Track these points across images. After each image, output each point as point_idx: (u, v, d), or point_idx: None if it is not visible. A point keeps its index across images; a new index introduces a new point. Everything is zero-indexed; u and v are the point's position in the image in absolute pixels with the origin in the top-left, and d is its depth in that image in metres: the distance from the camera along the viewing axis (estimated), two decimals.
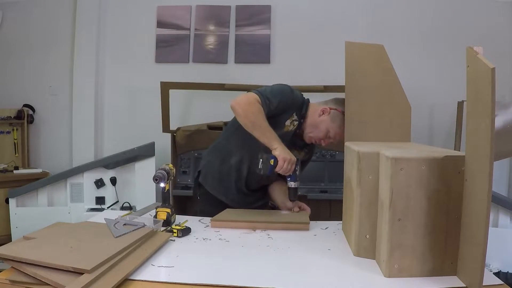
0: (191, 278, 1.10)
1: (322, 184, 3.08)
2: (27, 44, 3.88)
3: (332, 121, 1.77)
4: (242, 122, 1.69)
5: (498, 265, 2.52)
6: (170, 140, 3.24)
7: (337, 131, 1.76)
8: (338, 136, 1.77)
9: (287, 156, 1.63)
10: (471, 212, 1.04)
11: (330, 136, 1.79)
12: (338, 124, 1.76)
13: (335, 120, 1.77)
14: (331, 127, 1.77)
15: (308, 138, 1.83)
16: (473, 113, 1.03)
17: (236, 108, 1.68)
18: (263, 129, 1.65)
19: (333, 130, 1.77)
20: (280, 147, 1.64)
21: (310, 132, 1.81)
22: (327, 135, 1.78)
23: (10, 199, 2.88)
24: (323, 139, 1.80)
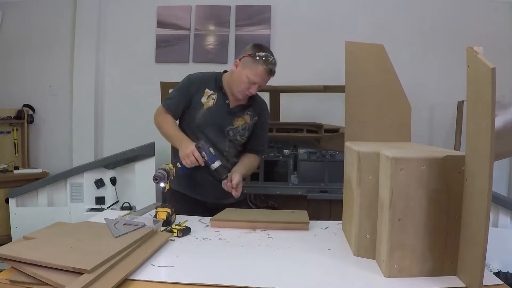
0: (191, 278, 1.10)
1: (322, 184, 3.07)
2: (27, 44, 3.88)
3: (244, 67, 1.83)
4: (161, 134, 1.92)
5: (498, 265, 2.51)
6: None
7: (252, 72, 1.81)
8: (257, 76, 1.81)
9: (182, 152, 1.74)
10: (471, 212, 1.04)
11: (252, 81, 1.82)
12: (250, 67, 1.81)
13: (246, 66, 1.82)
14: (246, 72, 1.82)
15: (239, 95, 1.87)
16: (473, 113, 1.03)
17: (155, 124, 1.93)
18: (170, 136, 1.87)
19: (249, 74, 1.81)
20: (181, 146, 1.77)
21: (236, 89, 1.86)
22: (248, 81, 1.82)
23: (10, 199, 2.87)
24: (248, 88, 1.84)
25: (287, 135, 3.02)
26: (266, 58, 1.81)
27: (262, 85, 1.86)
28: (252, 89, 1.84)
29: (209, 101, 1.89)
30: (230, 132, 1.92)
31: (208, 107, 1.88)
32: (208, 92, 1.90)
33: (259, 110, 2.00)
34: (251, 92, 1.86)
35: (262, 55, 1.81)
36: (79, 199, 2.94)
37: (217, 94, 1.90)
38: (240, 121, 1.93)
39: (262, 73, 1.81)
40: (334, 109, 3.02)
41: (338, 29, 3.51)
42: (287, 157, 3.10)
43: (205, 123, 1.89)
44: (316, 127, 3.15)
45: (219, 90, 1.91)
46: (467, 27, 3.45)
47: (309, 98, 3.41)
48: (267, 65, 1.81)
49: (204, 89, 1.90)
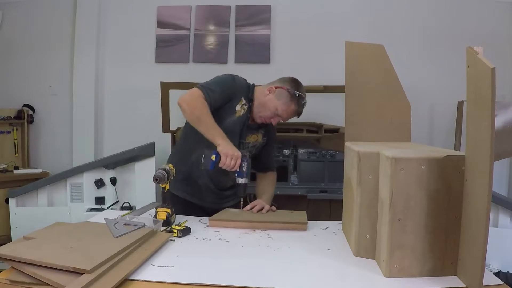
0: (191, 278, 1.10)
1: (322, 184, 3.08)
2: (27, 44, 3.88)
3: (278, 98, 1.84)
4: (188, 118, 1.77)
5: (498, 265, 2.51)
6: (170, 140, 3.24)
7: (283, 107, 1.84)
8: (285, 113, 1.85)
9: (229, 151, 1.65)
10: (471, 212, 1.04)
11: (278, 114, 1.85)
12: (283, 101, 1.84)
13: (281, 98, 1.84)
14: (277, 104, 1.84)
15: (258, 118, 1.89)
16: (473, 113, 1.03)
17: (182, 105, 1.73)
18: (208, 125, 1.70)
19: (280, 107, 1.84)
20: (224, 143, 1.67)
21: (259, 112, 1.88)
22: (275, 112, 1.85)
23: (10, 199, 2.88)
24: (272, 117, 1.87)
25: (287, 135, 3.02)
26: (300, 99, 1.85)
27: (284, 119, 1.90)
28: (274, 120, 1.88)
29: (241, 111, 1.87)
30: (241, 146, 1.89)
31: (239, 116, 1.86)
32: (243, 101, 1.87)
33: (270, 129, 2.03)
34: (272, 122, 1.89)
35: (300, 96, 1.85)
36: (79, 199, 2.94)
37: (248, 105, 1.89)
38: (253, 138, 1.93)
39: (292, 112, 1.86)
40: (334, 109, 3.01)
41: (338, 29, 3.51)
42: (287, 157, 3.10)
43: (230, 130, 1.82)
44: (316, 127, 3.15)
45: (249, 102, 1.89)
46: (467, 27, 3.45)
47: (309, 98, 3.40)
48: (300, 107, 1.85)
49: (241, 96, 1.87)
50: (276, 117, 1.87)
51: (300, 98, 1.85)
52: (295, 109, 1.86)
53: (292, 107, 1.84)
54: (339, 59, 1.83)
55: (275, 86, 1.88)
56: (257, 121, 1.91)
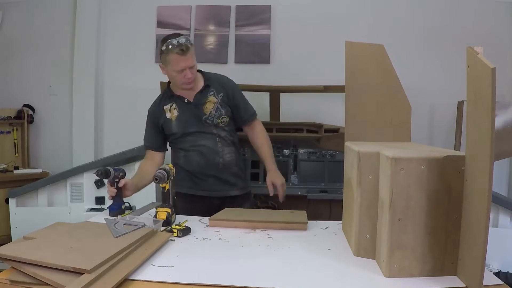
0: (191, 278, 1.10)
1: (322, 184, 3.08)
2: (27, 44, 3.88)
3: (165, 65, 1.87)
4: None
5: (498, 265, 2.51)
6: None
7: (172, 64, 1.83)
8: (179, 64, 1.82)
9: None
10: (471, 212, 1.04)
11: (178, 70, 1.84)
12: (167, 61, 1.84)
13: (165, 62, 1.86)
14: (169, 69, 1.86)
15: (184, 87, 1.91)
16: (473, 113, 1.03)
17: None
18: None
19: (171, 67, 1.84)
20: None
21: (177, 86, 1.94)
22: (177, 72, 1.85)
23: (10, 199, 2.88)
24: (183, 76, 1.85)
25: (287, 135, 3.02)
26: (171, 44, 1.80)
27: (190, 65, 1.84)
28: (186, 75, 1.85)
29: (174, 112, 1.95)
30: (207, 121, 1.94)
31: (176, 117, 1.94)
32: (167, 107, 1.97)
33: (220, 84, 2.01)
34: (189, 78, 1.86)
35: (166, 46, 1.81)
36: (79, 199, 2.94)
37: (174, 101, 1.95)
38: (209, 105, 1.94)
39: (177, 58, 1.81)
40: (334, 109, 3.02)
41: (338, 29, 3.51)
42: (287, 157, 3.10)
43: (183, 130, 1.94)
44: (316, 127, 3.15)
45: (172, 98, 1.96)
46: (467, 27, 3.45)
47: (309, 98, 3.41)
48: (174, 49, 1.79)
49: (162, 108, 1.97)
50: (181, 75, 1.85)
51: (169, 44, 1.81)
52: (175, 54, 1.81)
53: (173, 57, 1.81)
54: (339, 59, 1.83)
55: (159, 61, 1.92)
56: (186, 88, 1.92)
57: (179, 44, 1.79)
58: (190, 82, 1.89)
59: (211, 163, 1.96)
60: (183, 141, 1.98)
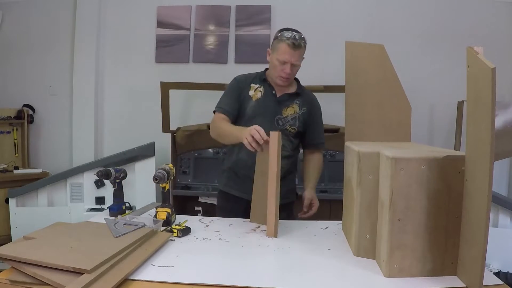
0: (191, 278, 1.10)
1: (322, 184, 3.07)
2: (27, 44, 3.88)
3: (273, 52, 1.85)
4: (217, 140, 1.86)
5: (498, 265, 2.51)
6: (170, 140, 3.24)
7: (279, 52, 1.81)
8: (282, 55, 1.80)
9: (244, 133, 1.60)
10: (471, 212, 1.04)
11: (282, 61, 1.81)
12: (277, 48, 1.82)
13: (274, 49, 1.84)
14: (275, 56, 1.83)
15: (277, 80, 1.88)
16: (473, 113, 1.03)
17: (213, 134, 1.88)
18: (227, 133, 1.78)
19: (277, 55, 1.82)
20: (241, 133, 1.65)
21: (273, 76, 1.89)
22: (279, 62, 1.82)
23: (10, 199, 2.88)
24: (282, 69, 1.83)
25: None
26: (286, 35, 1.80)
27: (293, 62, 1.82)
28: (285, 69, 1.82)
29: (257, 94, 1.91)
30: (279, 122, 1.90)
31: (256, 99, 1.90)
32: (254, 86, 1.92)
33: (308, 100, 1.98)
34: (286, 73, 1.83)
35: (282, 33, 1.81)
36: (79, 199, 2.94)
37: (263, 86, 1.92)
38: (289, 110, 1.91)
39: (286, 49, 1.79)
40: (334, 109, 3.01)
41: (338, 29, 3.51)
42: None
43: (255, 114, 1.88)
44: None
45: (263, 82, 1.93)
46: (467, 27, 3.45)
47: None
48: (288, 40, 1.78)
49: (250, 84, 1.93)
50: (284, 66, 1.82)
51: (286, 34, 1.80)
52: (286, 44, 1.79)
53: (283, 46, 1.79)
54: (339, 59, 1.83)
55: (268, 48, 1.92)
56: (279, 83, 1.89)
57: (294, 37, 1.79)
58: (286, 78, 1.86)
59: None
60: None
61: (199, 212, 3.19)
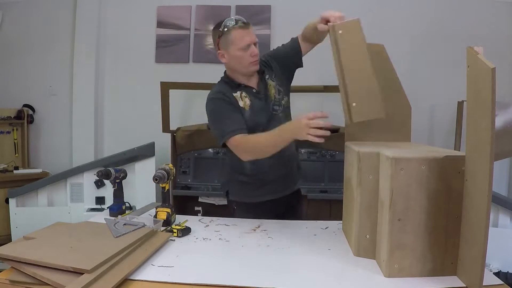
0: (191, 278, 1.10)
1: (322, 184, 3.07)
2: (27, 44, 3.88)
3: (227, 48, 1.68)
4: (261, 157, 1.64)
5: (498, 265, 2.51)
6: (170, 140, 3.24)
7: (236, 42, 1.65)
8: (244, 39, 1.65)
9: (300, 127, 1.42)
10: (471, 212, 1.04)
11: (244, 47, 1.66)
12: (230, 42, 1.66)
13: (226, 45, 1.67)
14: (233, 49, 1.66)
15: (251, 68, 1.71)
16: (473, 113, 1.03)
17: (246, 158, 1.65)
18: (267, 145, 1.56)
19: (236, 46, 1.65)
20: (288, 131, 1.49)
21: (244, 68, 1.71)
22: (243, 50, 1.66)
23: (10, 199, 2.87)
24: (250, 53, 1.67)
25: None
26: (229, 23, 1.65)
27: (255, 40, 1.69)
28: (253, 51, 1.67)
29: (246, 101, 1.71)
30: (275, 107, 1.76)
31: (250, 107, 1.71)
32: (237, 95, 1.71)
33: (268, 66, 1.83)
34: (256, 53, 1.68)
35: (224, 26, 1.65)
36: (79, 199, 2.94)
37: (243, 91, 1.73)
38: (271, 90, 1.77)
39: (241, 34, 1.65)
40: (334, 109, 3.01)
41: None
42: None
43: (255, 122, 1.70)
44: None
45: (239, 87, 1.73)
46: (467, 27, 3.45)
47: (309, 98, 3.41)
48: (236, 24, 1.65)
49: (232, 95, 1.71)
50: (247, 52, 1.66)
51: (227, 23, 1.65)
52: (237, 29, 1.64)
53: (235, 33, 1.64)
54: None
55: (217, 52, 1.73)
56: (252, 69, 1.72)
57: (237, 20, 1.65)
58: (257, 60, 1.70)
59: (280, 161, 1.74)
60: None
61: (199, 212, 3.19)
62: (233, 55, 1.68)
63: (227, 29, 1.65)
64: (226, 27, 1.65)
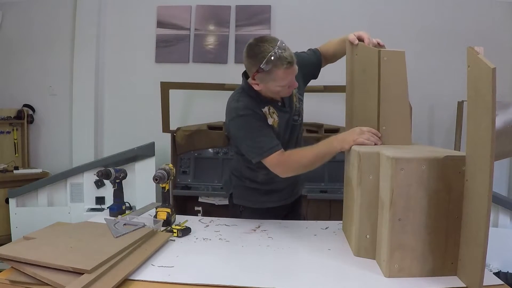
0: (191, 278, 1.10)
1: (322, 184, 3.07)
2: (27, 44, 3.88)
3: (266, 82, 1.53)
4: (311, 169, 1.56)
5: (498, 265, 2.51)
6: (170, 140, 3.24)
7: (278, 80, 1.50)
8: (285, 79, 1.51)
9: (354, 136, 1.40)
10: (471, 212, 1.04)
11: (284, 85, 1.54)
12: (271, 79, 1.51)
13: (266, 80, 1.52)
14: (272, 86, 1.54)
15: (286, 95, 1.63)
16: (473, 113, 1.03)
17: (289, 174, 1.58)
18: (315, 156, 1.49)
19: (276, 83, 1.52)
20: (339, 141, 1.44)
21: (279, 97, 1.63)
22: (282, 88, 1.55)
23: (10, 199, 2.87)
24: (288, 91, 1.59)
25: None
26: (273, 61, 1.47)
27: (295, 74, 1.56)
28: (290, 89, 1.58)
29: (274, 117, 1.63)
30: (295, 117, 1.72)
31: (277, 123, 1.64)
32: (266, 111, 1.62)
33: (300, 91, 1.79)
34: (295, 86, 1.60)
35: (268, 62, 1.47)
36: (79, 199, 2.94)
37: (271, 105, 1.64)
38: (294, 99, 1.72)
39: (286, 73, 1.49)
40: (334, 109, 3.01)
41: (338, 29, 3.48)
42: None
43: (284, 138, 1.66)
44: (316, 127, 3.15)
45: (266, 102, 1.63)
46: (467, 27, 3.45)
47: (309, 98, 3.40)
48: (283, 63, 1.47)
49: (261, 110, 1.61)
50: (286, 89, 1.57)
51: (272, 58, 1.47)
52: (283, 70, 1.48)
53: (279, 72, 1.48)
54: (339, 59, 1.83)
55: (250, 76, 1.56)
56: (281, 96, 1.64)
57: (286, 58, 1.47)
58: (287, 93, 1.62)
59: None
60: None
61: (199, 212, 3.19)
62: (271, 89, 1.56)
63: (273, 65, 1.47)
64: (271, 63, 1.46)
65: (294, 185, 1.86)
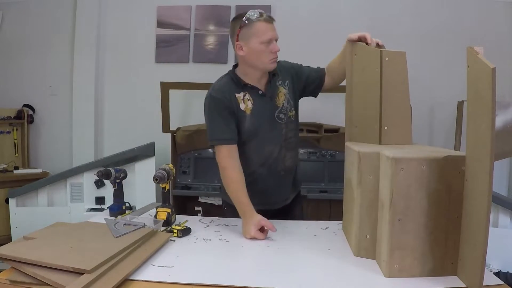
0: (191, 278, 1.10)
1: (322, 184, 3.07)
2: (27, 44, 3.88)
3: (248, 40, 1.58)
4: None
5: (498, 265, 2.51)
6: (170, 140, 3.24)
7: (260, 34, 1.57)
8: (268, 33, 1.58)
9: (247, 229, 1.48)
10: (471, 212, 1.04)
11: (267, 41, 1.58)
12: (252, 33, 1.57)
13: (248, 36, 1.58)
14: (255, 41, 1.58)
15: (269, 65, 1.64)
16: (473, 113, 1.03)
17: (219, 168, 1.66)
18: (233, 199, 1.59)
19: (259, 38, 1.57)
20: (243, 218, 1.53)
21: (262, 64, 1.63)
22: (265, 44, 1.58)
23: (10, 199, 2.87)
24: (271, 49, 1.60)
25: None
26: (254, 15, 1.57)
27: (277, 37, 1.63)
28: (275, 47, 1.61)
29: (248, 104, 1.64)
30: (280, 116, 1.69)
31: (250, 111, 1.64)
32: (239, 96, 1.64)
33: (284, 70, 1.77)
34: (277, 49, 1.62)
35: (248, 17, 1.57)
36: (79, 199, 2.93)
37: (248, 92, 1.65)
38: (281, 97, 1.70)
39: (266, 27, 1.57)
40: (334, 109, 3.01)
41: (338, 29, 3.49)
42: None
43: (256, 127, 1.65)
44: (316, 127, 3.15)
45: (245, 87, 1.65)
46: (467, 27, 3.45)
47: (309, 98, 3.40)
48: (262, 16, 1.57)
49: (234, 95, 1.63)
50: (268, 47, 1.59)
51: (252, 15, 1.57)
52: (262, 22, 1.57)
53: (260, 25, 1.56)
54: None
55: (234, 40, 1.62)
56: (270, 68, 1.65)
57: (263, 13, 1.58)
58: (276, 58, 1.64)
59: (272, 173, 1.71)
60: (248, 145, 1.67)
61: (199, 212, 3.19)
62: (253, 48, 1.58)
63: (251, 20, 1.56)
64: (249, 18, 1.56)
65: (277, 191, 1.77)
